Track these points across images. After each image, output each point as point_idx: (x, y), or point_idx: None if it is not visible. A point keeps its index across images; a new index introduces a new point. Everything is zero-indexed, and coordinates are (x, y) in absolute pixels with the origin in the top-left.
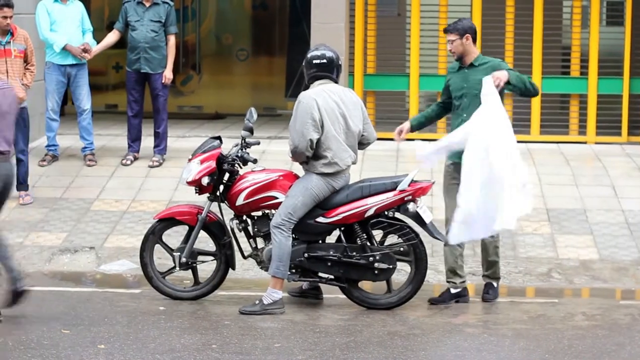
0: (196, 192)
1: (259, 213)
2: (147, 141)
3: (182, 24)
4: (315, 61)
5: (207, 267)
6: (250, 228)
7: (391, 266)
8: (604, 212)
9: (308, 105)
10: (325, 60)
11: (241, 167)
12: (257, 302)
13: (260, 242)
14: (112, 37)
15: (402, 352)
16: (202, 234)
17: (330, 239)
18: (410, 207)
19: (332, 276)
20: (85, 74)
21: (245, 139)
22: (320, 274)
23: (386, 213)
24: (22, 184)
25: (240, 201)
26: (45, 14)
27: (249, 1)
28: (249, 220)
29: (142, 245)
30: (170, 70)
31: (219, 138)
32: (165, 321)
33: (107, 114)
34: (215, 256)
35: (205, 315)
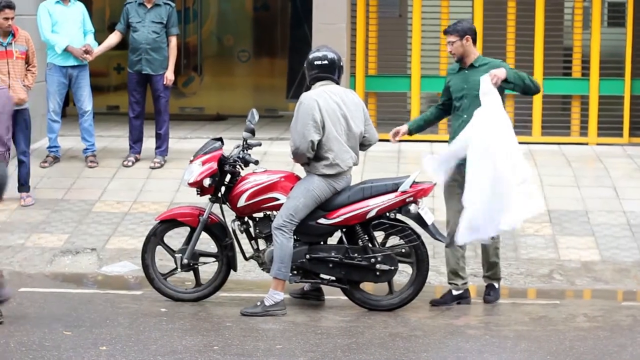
0: (198, 194)
1: (260, 214)
2: (149, 142)
3: (184, 26)
4: (316, 62)
5: (208, 269)
6: (251, 229)
7: (393, 267)
8: (606, 213)
9: (309, 106)
10: (326, 62)
11: (243, 169)
12: (258, 303)
13: (261, 244)
14: (114, 38)
15: (404, 354)
16: (204, 235)
17: (332, 240)
18: (412, 208)
19: (333, 277)
20: (86, 75)
21: (247, 141)
22: (322, 276)
23: (388, 214)
24: (23, 186)
25: (241, 203)
26: (47, 15)
27: (251, 2)
28: (250, 222)
29: (143, 247)
30: (172, 71)
31: (220, 139)
32: (166, 323)
33: (109, 115)
34: (217, 257)
35: (207, 317)
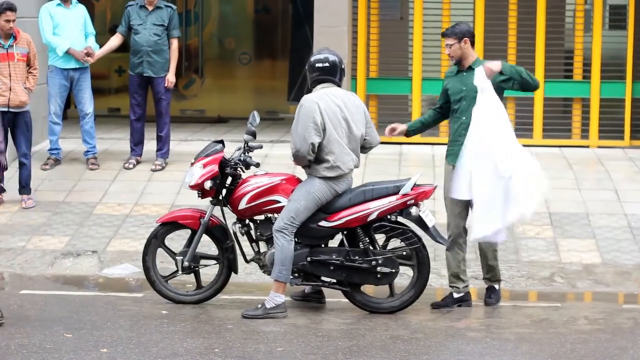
0: (199, 196)
1: (261, 217)
2: (150, 145)
3: (185, 28)
4: (318, 65)
5: (209, 271)
6: (252, 232)
7: (394, 270)
8: (607, 216)
9: (310, 108)
10: (328, 64)
11: (244, 171)
12: (259, 306)
13: (262, 246)
14: (115, 40)
15: (405, 356)
16: (205, 237)
17: (333, 243)
18: (413, 211)
19: (334, 280)
20: (87, 77)
21: (248, 143)
22: (323, 278)
23: (389, 217)
24: (24, 188)
25: (242, 205)
26: (48, 18)
27: (252, 5)
28: (251, 224)
29: (144, 249)
30: (173, 74)
31: (221, 142)
32: (167, 325)
33: (110, 117)
34: (218, 260)
35: (208, 319)
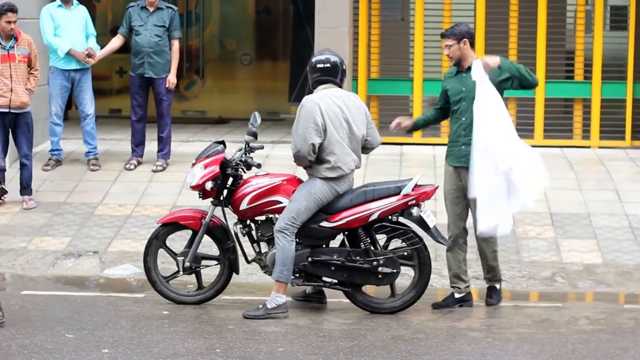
0: (200, 197)
1: (262, 217)
2: (151, 146)
3: (186, 29)
4: (319, 65)
5: (210, 272)
6: (253, 232)
7: (395, 270)
8: (608, 216)
9: (310, 109)
10: (329, 65)
11: (245, 172)
12: (260, 306)
13: (263, 247)
14: (116, 41)
15: (406, 357)
16: (206, 238)
17: (334, 243)
18: (414, 211)
19: (335, 280)
20: (89, 78)
21: (249, 144)
22: (324, 278)
23: (390, 217)
24: (25, 189)
25: (243, 206)
26: (49, 19)
27: (253, 6)
28: (252, 225)
29: (145, 250)
30: (174, 74)
31: (222, 142)
32: (169, 325)
33: (111, 118)
34: (219, 260)
35: (209, 320)
